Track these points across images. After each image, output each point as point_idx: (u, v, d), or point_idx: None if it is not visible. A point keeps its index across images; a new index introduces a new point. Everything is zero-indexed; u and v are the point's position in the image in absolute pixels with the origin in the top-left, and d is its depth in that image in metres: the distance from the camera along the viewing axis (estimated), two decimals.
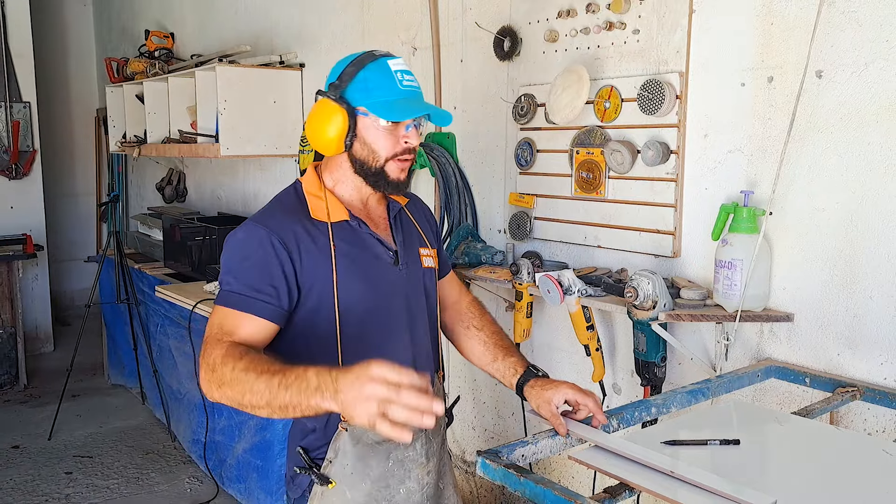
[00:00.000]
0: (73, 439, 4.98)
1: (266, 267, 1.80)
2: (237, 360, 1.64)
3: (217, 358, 1.67)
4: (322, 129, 1.87)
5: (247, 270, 1.80)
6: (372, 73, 1.86)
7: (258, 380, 1.59)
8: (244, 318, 1.77)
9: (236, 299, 1.78)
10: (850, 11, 2.24)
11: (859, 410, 2.33)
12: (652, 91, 2.71)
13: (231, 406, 1.67)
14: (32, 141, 6.81)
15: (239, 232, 1.87)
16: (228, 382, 1.63)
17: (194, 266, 4.80)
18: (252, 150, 4.61)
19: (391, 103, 1.86)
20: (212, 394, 1.69)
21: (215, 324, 1.77)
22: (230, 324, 1.76)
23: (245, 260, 1.82)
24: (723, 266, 2.44)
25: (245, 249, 1.84)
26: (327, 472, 1.88)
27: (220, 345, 1.70)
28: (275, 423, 3.56)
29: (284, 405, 1.56)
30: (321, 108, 1.88)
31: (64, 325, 7.63)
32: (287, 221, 1.86)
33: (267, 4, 5.04)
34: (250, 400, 1.60)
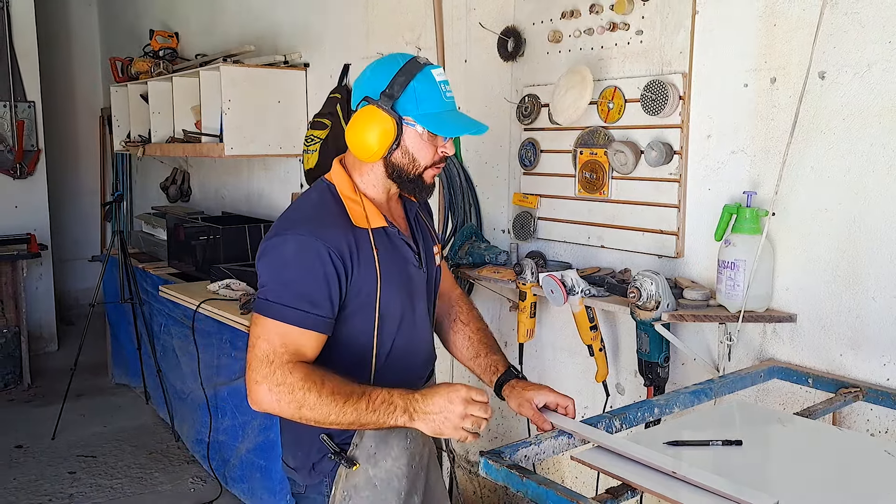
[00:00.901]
0: (76, 439, 4.99)
1: (325, 281, 1.82)
2: (321, 386, 1.75)
3: (298, 381, 1.74)
4: (370, 136, 1.86)
5: (306, 284, 1.81)
6: (420, 83, 1.88)
7: (346, 404, 1.73)
8: (307, 335, 1.80)
9: (299, 316, 1.79)
10: (852, 13, 2.24)
11: (862, 411, 2.33)
12: (655, 92, 2.72)
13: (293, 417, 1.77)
14: (37, 140, 6.82)
15: (289, 242, 1.84)
16: (312, 407, 1.74)
17: (198, 266, 4.80)
18: (256, 149, 4.62)
19: (439, 116, 1.89)
20: (282, 410, 1.77)
21: (275, 340, 1.78)
22: (293, 342, 1.79)
23: (305, 273, 1.82)
24: (726, 266, 2.44)
25: (303, 261, 1.82)
26: (353, 455, 1.96)
27: (295, 368, 1.76)
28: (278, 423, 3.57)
29: (365, 423, 1.76)
30: (372, 116, 1.86)
31: (68, 324, 7.64)
32: (339, 232, 1.87)
33: (271, 4, 5.05)
34: (333, 420, 1.75)
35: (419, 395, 1.76)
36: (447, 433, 1.76)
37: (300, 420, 1.77)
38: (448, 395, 1.76)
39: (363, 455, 1.97)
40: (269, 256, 1.85)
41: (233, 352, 3.83)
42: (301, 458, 2.04)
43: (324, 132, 4.09)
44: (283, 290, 1.80)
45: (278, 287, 1.81)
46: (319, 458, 1.99)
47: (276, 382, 1.75)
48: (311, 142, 4.15)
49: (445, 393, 1.77)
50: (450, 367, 3.69)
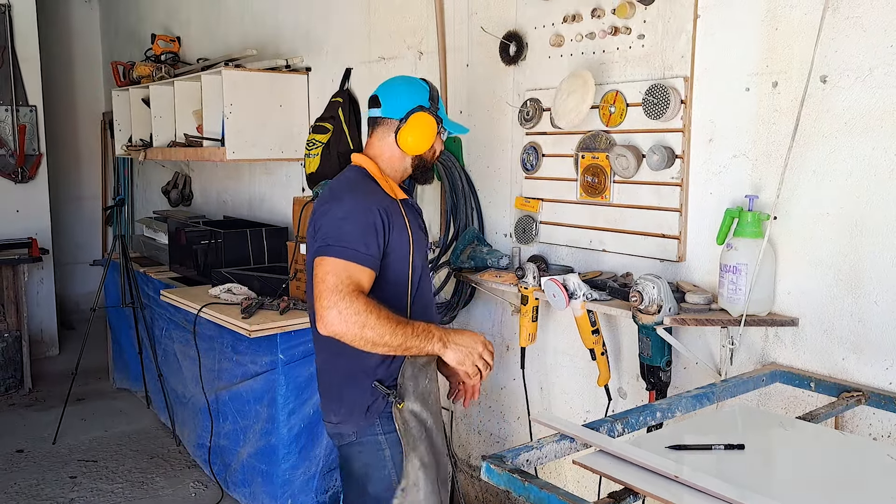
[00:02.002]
0: (77, 443, 4.98)
1: (375, 232, 2.28)
2: (379, 310, 2.19)
3: (362, 306, 2.17)
4: (427, 136, 2.44)
5: (361, 232, 2.26)
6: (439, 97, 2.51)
7: (397, 328, 2.20)
8: (365, 271, 2.25)
9: (361, 257, 2.24)
10: (854, 17, 2.24)
11: (864, 415, 2.32)
12: (657, 96, 2.72)
13: (356, 343, 2.18)
14: (38, 144, 6.82)
15: (345, 201, 2.32)
16: (373, 326, 2.16)
17: (200, 270, 4.80)
18: (258, 153, 4.62)
19: (451, 121, 2.55)
20: (348, 330, 2.16)
21: (342, 273, 2.21)
22: (357, 276, 2.23)
23: (363, 225, 2.27)
24: (728, 270, 2.44)
25: (361, 216, 2.28)
26: (402, 394, 2.38)
27: (359, 295, 2.19)
28: (279, 427, 3.57)
29: (409, 347, 2.24)
30: (429, 122, 2.44)
31: (69, 328, 7.64)
32: (380, 197, 2.37)
33: (273, 9, 5.05)
34: (387, 340, 2.19)
35: (451, 330, 2.34)
36: (467, 364, 2.34)
37: (360, 340, 2.17)
38: (473, 335, 2.38)
39: (405, 392, 2.39)
40: (329, 214, 2.30)
41: (234, 356, 3.83)
42: (353, 405, 2.40)
43: (325, 136, 4.09)
44: (345, 237, 2.24)
45: (340, 234, 2.25)
46: (373, 400, 2.38)
47: (345, 306, 2.15)
48: (312, 146, 4.15)
49: (471, 334, 2.38)
50: None
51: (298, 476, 3.65)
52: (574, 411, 3.27)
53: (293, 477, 3.64)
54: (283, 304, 3.64)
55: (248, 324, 3.46)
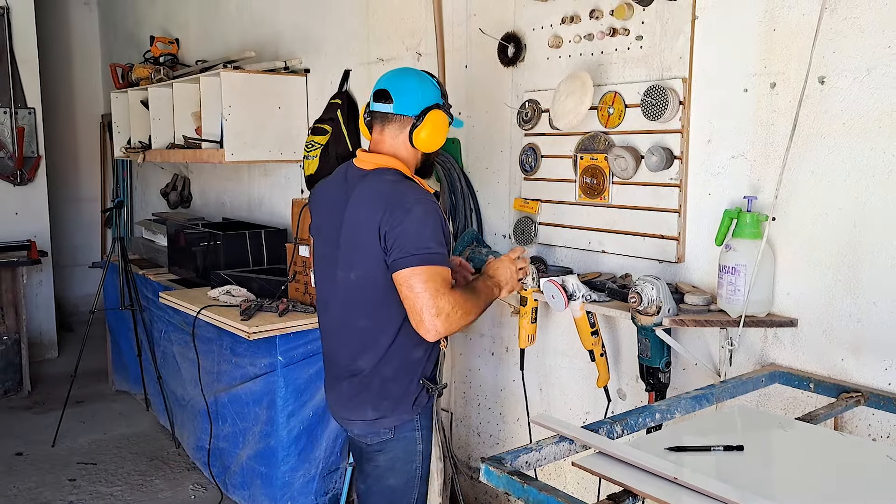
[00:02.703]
0: (76, 446, 4.98)
1: (443, 230, 2.38)
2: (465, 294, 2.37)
3: (459, 299, 2.31)
4: (441, 134, 2.47)
5: (437, 235, 2.34)
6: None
7: (477, 298, 2.40)
8: (448, 270, 2.36)
9: (441, 258, 2.33)
10: (852, 18, 2.24)
11: (864, 416, 2.32)
12: (655, 97, 2.72)
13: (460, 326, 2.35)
14: (37, 147, 6.82)
15: (420, 207, 2.34)
16: (469, 310, 2.34)
17: (199, 272, 4.80)
18: (257, 155, 4.62)
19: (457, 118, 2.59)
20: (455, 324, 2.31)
21: (436, 279, 2.30)
22: (445, 276, 2.33)
23: (435, 228, 2.34)
24: (726, 271, 2.44)
25: (431, 221, 2.34)
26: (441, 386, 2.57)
27: (452, 290, 2.32)
28: (278, 430, 3.57)
29: (487, 305, 2.46)
30: (443, 120, 2.48)
31: (68, 331, 7.64)
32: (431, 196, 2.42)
33: (272, 11, 5.05)
34: (477, 312, 2.39)
35: (489, 274, 2.54)
36: (517, 287, 2.61)
37: (464, 325, 2.36)
38: (503, 265, 2.57)
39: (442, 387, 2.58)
40: (405, 224, 2.31)
41: (233, 358, 3.82)
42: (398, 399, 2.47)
43: (324, 138, 4.09)
44: (426, 243, 2.30)
45: (420, 242, 2.30)
46: (418, 392, 2.48)
47: (450, 308, 2.28)
48: (311, 147, 4.15)
49: (501, 266, 2.57)
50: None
51: (298, 478, 3.65)
52: (573, 413, 3.27)
53: (292, 479, 3.64)
54: (282, 306, 3.64)
55: (247, 326, 3.45)
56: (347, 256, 2.41)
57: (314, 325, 3.55)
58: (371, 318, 2.41)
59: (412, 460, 2.50)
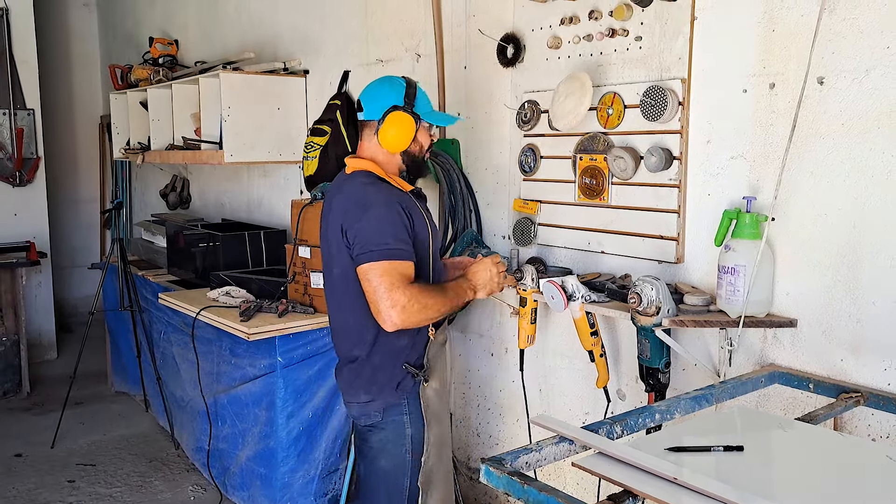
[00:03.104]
0: (76, 447, 4.97)
1: (404, 226, 2.48)
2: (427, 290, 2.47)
3: (416, 293, 2.42)
4: (404, 133, 2.58)
5: (396, 231, 2.46)
6: (420, 94, 2.64)
7: (444, 297, 2.50)
8: (408, 265, 2.46)
9: (401, 253, 2.44)
10: (850, 18, 2.24)
11: (863, 416, 2.32)
12: (654, 97, 2.72)
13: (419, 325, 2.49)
14: (36, 148, 6.82)
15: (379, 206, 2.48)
16: (430, 306, 2.45)
17: (198, 273, 4.80)
18: (256, 156, 4.62)
19: (433, 113, 2.67)
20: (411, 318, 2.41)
21: (393, 273, 2.41)
22: (403, 270, 2.44)
23: (395, 225, 2.46)
24: (726, 272, 2.44)
25: (391, 216, 2.47)
26: (427, 372, 2.64)
27: (411, 286, 2.43)
28: (278, 431, 3.57)
29: (454, 306, 2.55)
30: (403, 119, 2.57)
31: (67, 332, 7.63)
32: (397, 192, 2.56)
33: (271, 12, 5.06)
34: (441, 310, 2.49)
35: (467, 277, 2.64)
36: (496, 290, 2.67)
37: (423, 322, 2.47)
38: (483, 267, 2.66)
39: (430, 371, 2.65)
40: (363, 221, 2.46)
41: (232, 359, 3.82)
42: (381, 385, 2.60)
43: (323, 139, 4.08)
44: (383, 239, 2.43)
45: (379, 238, 2.43)
46: (402, 377, 2.59)
47: (406, 301, 2.39)
48: (310, 148, 4.14)
49: (481, 268, 2.66)
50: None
51: (297, 479, 3.65)
52: (573, 413, 3.27)
53: (292, 480, 3.64)
54: (281, 307, 3.64)
55: (246, 327, 3.45)
56: (330, 255, 2.63)
57: (313, 325, 3.55)
58: (354, 313, 2.57)
59: (402, 444, 2.62)
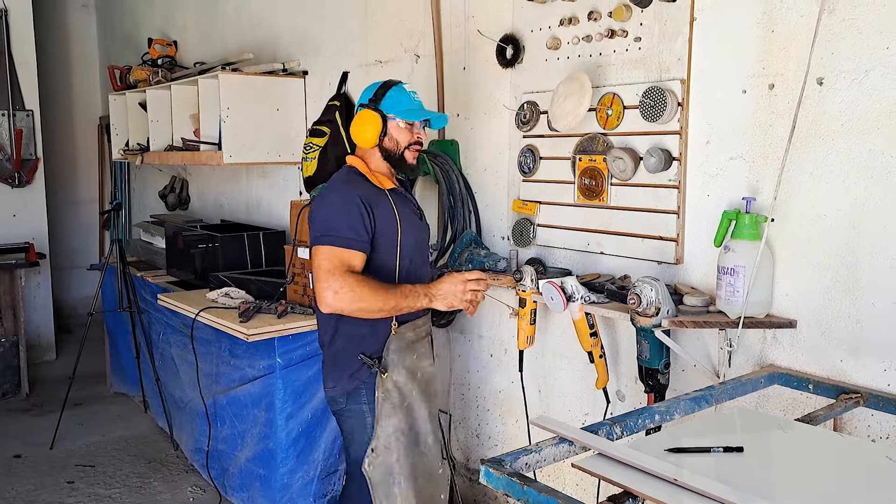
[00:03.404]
0: (75, 448, 4.97)
1: (360, 216, 2.57)
2: (370, 283, 2.52)
3: (353, 283, 2.50)
4: (366, 129, 2.69)
5: (349, 220, 2.56)
6: (395, 92, 2.73)
7: (388, 294, 2.53)
8: (353, 254, 2.56)
9: (348, 242, 2.55)
10: (850, 19, 2.24)
11: (863, 417, 2.32)
12: (654, 98, 2.72)
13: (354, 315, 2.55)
14: (35, 149, 6.81)
15: (332, 195, 2.65)
16: (365, 298, 2.50)
17: (197, 274, 4.80)
18: (255, 157, 4.62)
19: (409, 110, 2.72)
20: (344, 305, 2.51)
21: (335, 258, 2.53)
22: (346, 258, 2.54)
23: (347, 214, 2.57)
24: (725, 273, 2.44)
25: (344, 205, 2.59)
26: (385, 365, 2.70)
27: (350, 274, 2.51)
28: (277, 432, 3.57)
29: (401, 308, 2.57)
30: (365, 115, 2.69)
31: (66, 333, 7.62)
32: (366, 187, 2.67)
33: (270, 13, 5.05)
34: (380, 307, 2.53)
35: (431, 284, 2.66)
36: (457, 305, 2.65)
37: (357, 312, 2.53)
38: (451, 280, 2.65)
39: (389, 364, 2.71)
40: (319, 210, 2.63)
41: (232, 360, 3.82)
42: (341, 371, 2.73)
43: (322, 140, 4.09)
44: (332, 226, 2.56)
45: (328, 225, 2.57)
46: (357, 368, 2.70)
47: (339, 286, 2.49)
48: (309, 149, 4.14)
49: (449, 279, 2.65)
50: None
51: (297, 480, 3.65)
52: (572, 414, 3.27)
53: (291, 481, 3.63)
54: (280, 308, 3.63)
55: (245, 328, 3.45)
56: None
57: (312, 327, 3.55)
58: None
59: (364, 433, 2.72)
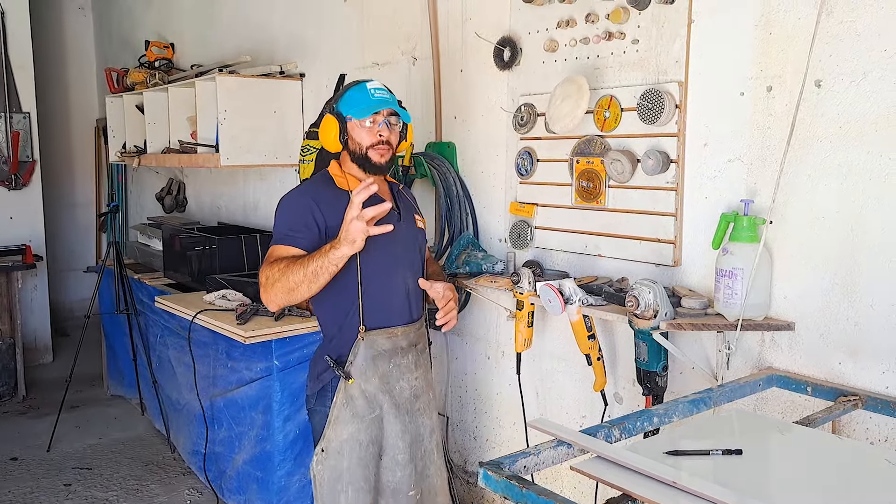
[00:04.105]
0: (72, 451, 4.96)
1: (301, 215, 2.57)
2: (278, 264, 2.47)
3: (267, 270, 2.47)
4: (325, 133, 2.69)
5: (289, 218, 2.59)
6: (353, 92, 2.67)
7: (294, 265, 2.42)
8: (287, 249, 2.53)
9: (284, 238, 2.56)
10: (848, 21, 2.24)
11: (861, 419, 2.32)
12: (651, 100, 2.72)
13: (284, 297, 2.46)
14: (32, 151, 6.81)
15: (284, 197, 2.66)
16: (277, 278, 2.44)
17: (194, 276, 4.79)
18: (252, 159, 4.62)
19: (366, 108, 2.62)
20: (268, 294, 2.48)
21: (273, 254, 2.53)
22: (278, 252, 2.53)
23: (289, 212, 2.61)
24: (723, 275, 2.44)
25: (290, 206, 2.63)
26: (349, 370, 2.62)
27: (269, 264, 2.49)
28: (275, 434, 3.56)
29: (315, 270, 2.40)
30: (324, 120, 2.68)
31: (63, 335, 7.62)
32: (321, 188, 2.67)
33: (267, 15, 5.05)
34: (293, 280, 2.41)
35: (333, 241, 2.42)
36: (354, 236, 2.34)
37: (282, 297, 2.46)
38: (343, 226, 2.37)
39: (356, 371, 2.62)
40: (276, 212, 2.64)
41: (229, 362, 3.81)
42: (312, 370, 2.72)
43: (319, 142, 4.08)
44: (278, 227, 2.60)
45: (276, 229, 2.61)
46: (323, 369, 2.66)
47: (263, 280, 2.48)
48: (307, 152, 4.13)
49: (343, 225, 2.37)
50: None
51: (294, 483, 3.64)
52: (570, 417, 3.27)
53: (289, 484, 3.62)
54: (277, 311, 3.63)
55: (243, 330, 3.44)
56: None
57: (310, 329, 3.54)
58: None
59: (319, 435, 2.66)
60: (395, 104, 2.67)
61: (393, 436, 2.69)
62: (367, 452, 2.65)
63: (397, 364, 2.70)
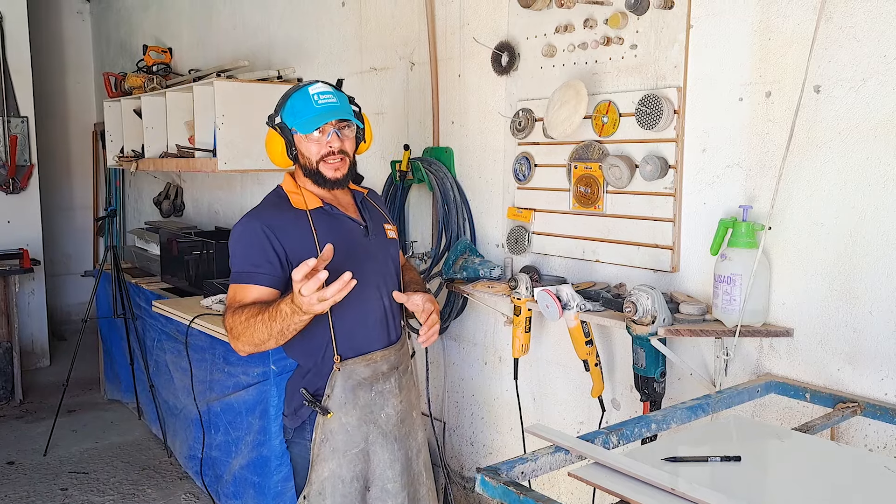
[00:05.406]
0: (68, 455, 4.95)
1: (262, 248, 2.36)
2: (240, 315, 2.27)
3: (229, 321, 2.30)
4: (270, 147, 2.53)
5: (247, 252, 2.39)
6: (295, 100, 2.46)
7: (257, 323, 2.23)
8: (250, 288, 2.35)
9: (244, 276, 2.37)
10: (847, 27, 2.24)
11: (860, 426, 2.32)
12: (650, 106, 2.72)
13: (253, 349, 2.30)
14: (30, 155, 6.80)
15: (238, 226, 2.45)
16: (241, 333, 2.27)
17: (191, 280, 4.78)
18: (250, 164, 4.61)
19: (309, 120, 2.42)
20: (236, 344, 2.32)
21: (231, 298, 2.37)
22: (241, 295, 2.36)
23: (246, 246, 2.40)
24: (722, 281, 2.44)
25: (244, 238, 2.41)
26: (327, 405, 2.45)
27: (237, 311, 2.29)
28: (272, 439, 3.55)
29: (281, 330, 2.21)
30: (268, 134, 2.53)
31: (60, 339, 7.60)
32: (275, 212, 2.46)
33: (265, 20, 5.05)
34: (259, 338, 2.25)
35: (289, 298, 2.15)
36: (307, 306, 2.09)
37: (249, 348, 2.30)
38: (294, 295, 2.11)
39: (335, 405, 2.45)
40: (230, 243, 2.45)
41: (226, 367, 3.80)
42: (287, 406, 2.56)
43: None
44: (236, 260, 2.41)
45: (232, 259, 2.42)
46: (299, 404, 2.49)
47: (228, 326, 2.31)
48: None
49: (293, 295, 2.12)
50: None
51: (290, 488, 3.62)
52: (567, 423, 3.26)
53: (285, 489, 3.61)
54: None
55: None
56: None
57: None
58: None
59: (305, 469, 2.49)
60: (344, 110, 2.44)
61: (381, 466, 2.55)
62: (350, 489, 2.48)
63: (380, 391, 2.54)
